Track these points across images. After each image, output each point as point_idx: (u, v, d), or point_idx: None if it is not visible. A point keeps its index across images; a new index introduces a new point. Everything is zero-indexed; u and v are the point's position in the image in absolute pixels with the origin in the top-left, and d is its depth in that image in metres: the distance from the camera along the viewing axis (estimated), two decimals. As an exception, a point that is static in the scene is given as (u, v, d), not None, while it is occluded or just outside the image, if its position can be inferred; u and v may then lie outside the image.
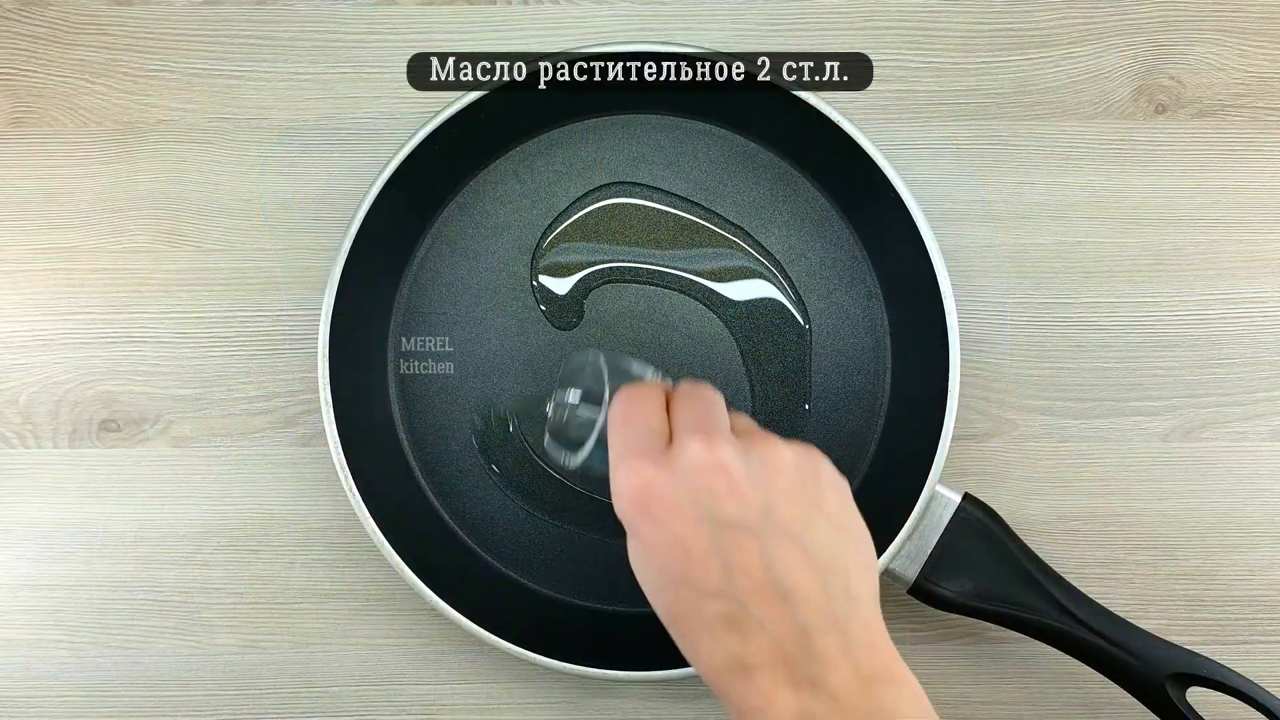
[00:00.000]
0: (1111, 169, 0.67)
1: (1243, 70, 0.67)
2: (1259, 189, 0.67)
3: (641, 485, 0.44)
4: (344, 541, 0.65)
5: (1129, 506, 0.65)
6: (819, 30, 0.67)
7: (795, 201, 0.65)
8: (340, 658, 0.65)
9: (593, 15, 0.67)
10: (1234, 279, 0.66)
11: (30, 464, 0.66)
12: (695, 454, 0.44)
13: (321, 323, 0.60)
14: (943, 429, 0.59)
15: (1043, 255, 0.66)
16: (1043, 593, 0.57)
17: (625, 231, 0.65)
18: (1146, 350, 0.66)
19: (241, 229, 0.67)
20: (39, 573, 0.65)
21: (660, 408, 0.47)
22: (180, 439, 0.66)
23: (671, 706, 0.64)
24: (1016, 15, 0.67)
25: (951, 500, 0.59)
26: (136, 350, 0.66)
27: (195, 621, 0.65)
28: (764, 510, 0.44)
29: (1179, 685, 0.55)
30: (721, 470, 0.43)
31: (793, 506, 0.44)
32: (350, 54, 0.67)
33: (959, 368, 0.59)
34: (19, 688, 0.65)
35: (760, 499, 0.44)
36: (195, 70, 0.67)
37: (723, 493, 0.43)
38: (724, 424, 0.46)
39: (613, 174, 0.66)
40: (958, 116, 0.67)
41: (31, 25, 0.67)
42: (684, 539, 0.43)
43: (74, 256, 0.66)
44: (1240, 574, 0.65)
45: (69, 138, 0.67)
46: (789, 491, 0.45)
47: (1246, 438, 0.66)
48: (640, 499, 0.44)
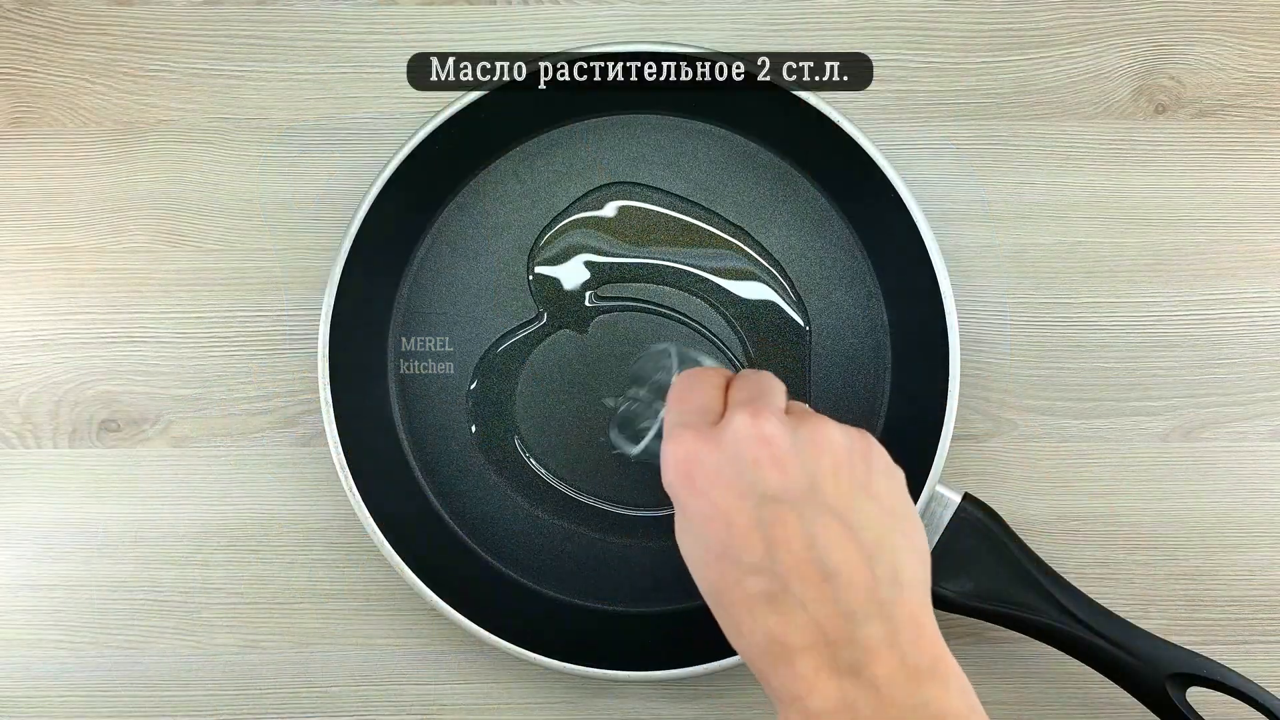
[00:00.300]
0: (1111, 169, 0.67)
1: (1243, 70, 0.67)
2: (1259, 189, 0.67)
3: (687, 456, 0.43)
4: (344, 541, 0.65)
5: (1129, 506, 0.65)
6: (819, 30, 0.67)
7: (795, 201, 0.65)
8: (340, 658, 0.65)
9: (593, 15, 0.67)
10: (1234, 279, 0.66)
11: (30, 464, 0.66)
12: (741, 425, 0.43)
13: (321, 323, 0.61)
14: (943, 429, 0.59)
15: (1043, 255, 0.66)
16: (1043, 593, 0.57)
17: (625, 231, 0.65)
18: (1146, 350, 0.66)
19: (241, 229, 0.67)
20: (39, 573, 0.65)
21: (717, 387, 0.47)
22: (180, 439, 0.66)
23: (671, 706, 0.64)
24: (1016, 15, 0.67)
25: (951, 500, 0.59)
26: (136, 350, 0.66)
27: (195, 621, 0.65)
28: (808, 486, 0.43)
29: (1179, 685, 0.55)
30: (766, 442, 0.42)
31: (839, 485, 0.43)
32: (350, 54, 0.67)
33: (959, 368, 0.59)
34: (19, 688, 0.65)
35: (805, 474, 0.43)
36: (195, 70, 0.67)
37: (766, 464, 0.42)
38: (776, 401, 0.45)
39: (613, 174, 0.66)
40: (958, 116, 0.67)
41: (31, 25, 0.67)
42: (726, 511, 0.42)
43: (74, 256, 0.66)
44: (1240, 574, 0.65)
45: (69, 138, 0.67)
46: (835, 470, 0.44)
47: (1246, 438, 0.66)
48: (685, 470, 0.43)
